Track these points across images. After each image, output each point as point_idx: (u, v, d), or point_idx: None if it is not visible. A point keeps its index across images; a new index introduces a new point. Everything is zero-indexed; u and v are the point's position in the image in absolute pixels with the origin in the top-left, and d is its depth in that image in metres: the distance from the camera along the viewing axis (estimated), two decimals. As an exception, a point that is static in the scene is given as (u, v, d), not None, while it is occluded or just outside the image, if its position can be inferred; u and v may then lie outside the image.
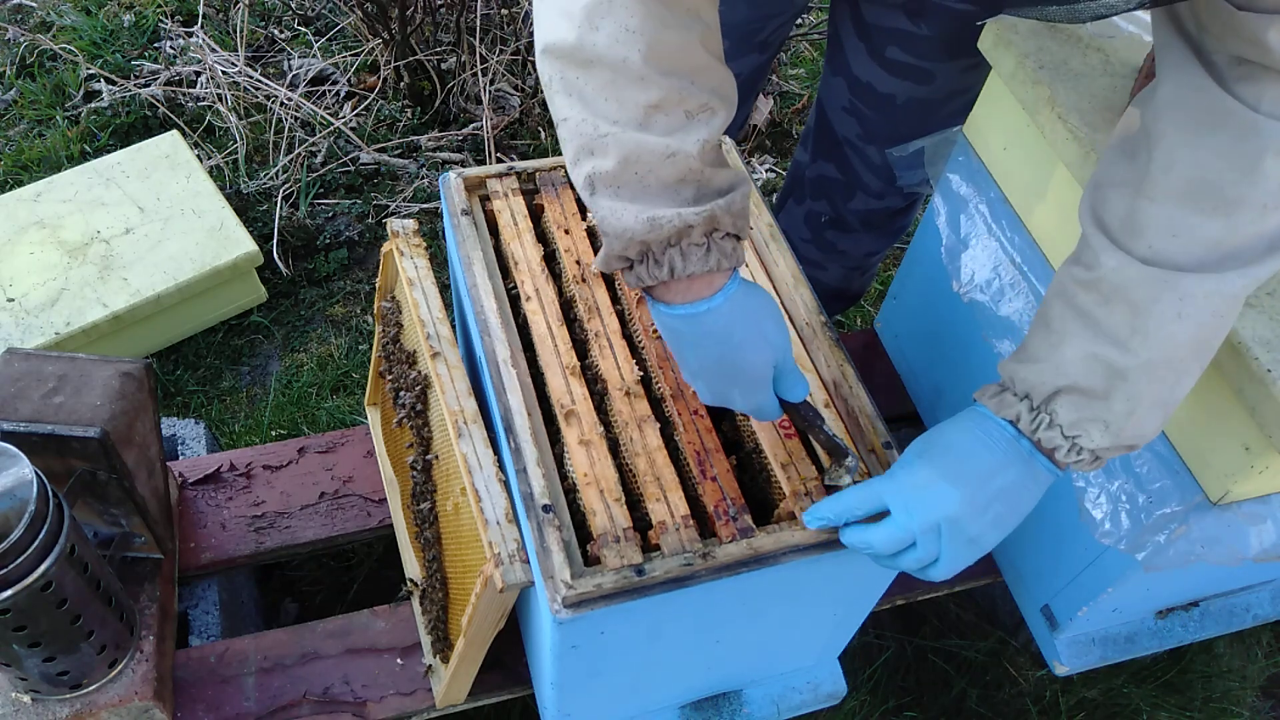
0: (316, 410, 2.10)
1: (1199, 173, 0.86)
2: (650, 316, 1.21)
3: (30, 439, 1.20)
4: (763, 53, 1.61)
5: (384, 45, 2.59)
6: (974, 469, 0.99)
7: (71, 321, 1.96)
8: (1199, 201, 0.86)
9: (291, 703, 1.39)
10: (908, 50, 1.46)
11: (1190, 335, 0.90)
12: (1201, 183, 0.86)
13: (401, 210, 2.45)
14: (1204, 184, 0.86)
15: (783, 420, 1.13)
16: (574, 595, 0.99)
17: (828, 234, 1.83)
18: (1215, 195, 0.86)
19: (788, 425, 1.13)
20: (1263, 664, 1.94)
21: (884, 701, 1.80)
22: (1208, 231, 0.87)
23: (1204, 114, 0.86)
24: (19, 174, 2.47)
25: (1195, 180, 0.87)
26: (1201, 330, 0.90)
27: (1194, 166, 0.87)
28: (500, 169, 1.34)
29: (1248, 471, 1.12)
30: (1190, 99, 0.87)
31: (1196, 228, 0.87)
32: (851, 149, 1.67)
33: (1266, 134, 0.83)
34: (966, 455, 0.99)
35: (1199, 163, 0.86)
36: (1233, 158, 0.85)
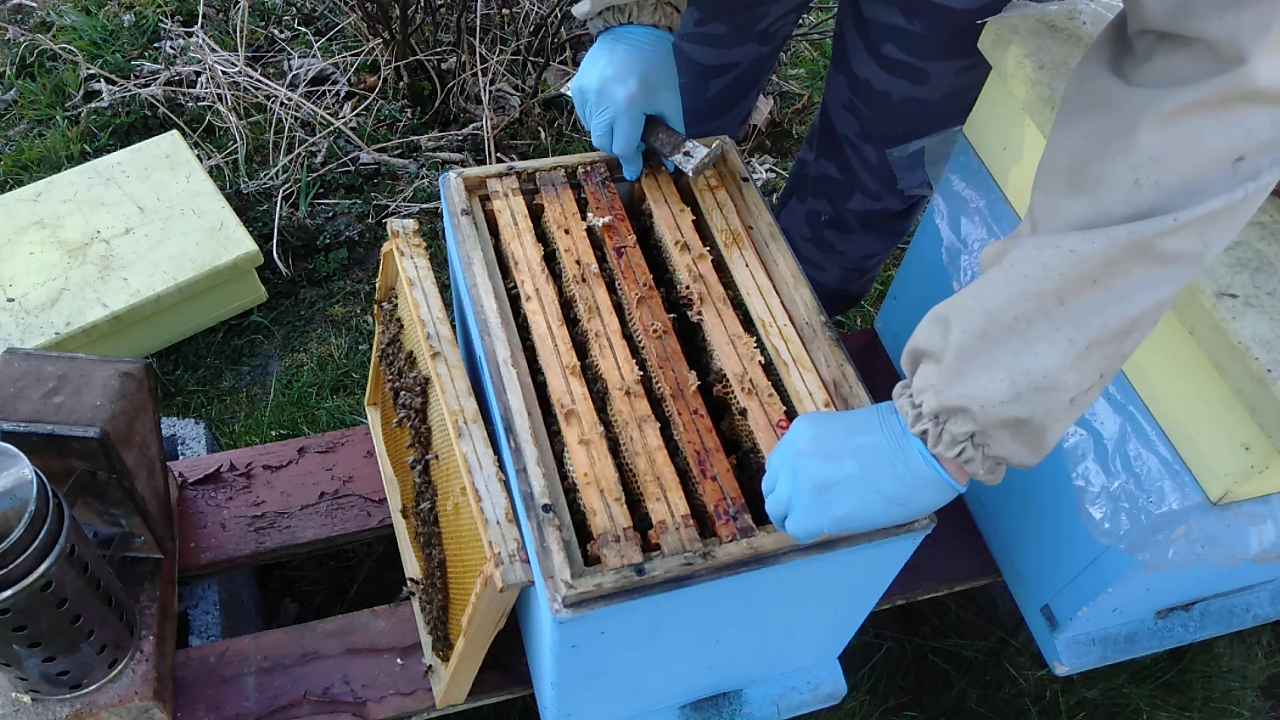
0: (316, 410, 2.10)
1: (1072, 155, 0.85)
2: (650, 316, 1.21)
3: (30, 439, 1.20)
4: (764, 44, 1.61)
5: (384, 45, 2.59)
6: (840, 420, 1.00)
7: (71, 321, 1.96)
8: (1072, 184, 0.84)
9: (291, 703, 1.39)
10: (903, 48, 1.46)
11: (1017, 288, 0.84)
12: (1074, 165, 0.84)
13: (401, 210, 2.45)
14: (1076, 166, 0.84)
15: (780, 421, 1.14)
16: (574, 595, 0.99)
17: (827, 234, 1.83)
18: (1083, 174, 0.83)
19: (784, 425, 1.14)
20: (1263, 664, 1.94)
21: (884, 701, 1.80)
22: (1076, 210, 0.84)
23: (1083, 96, 0.85)
24: (19, 174, 2.47)
25: (1070, 164, 0.85)
26: (1030, 283, 0.84)
27: (1069, 150, 0.85)
28: (500, 169, 1.34)
29: (1248, 471, 1.12)
30: (1075, 85, 0.87)
31: (1066, 209, 0.85)
32: (850, 147, 1.67)
33: (1135, 103, 0.80)
34: (842, 413, 1.02)
35: (1073, 146, 0.85)
36: (1098, 134, 0.82)
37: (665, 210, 1.34)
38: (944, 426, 0.90)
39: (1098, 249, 0.81)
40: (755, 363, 1.19)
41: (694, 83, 1.64)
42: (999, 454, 0.89)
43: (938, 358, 0.90)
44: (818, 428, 0.99)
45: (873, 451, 0.95)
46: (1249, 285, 1.09)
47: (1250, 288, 1.08)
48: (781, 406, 1.16)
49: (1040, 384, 0.85)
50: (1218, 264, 1.10)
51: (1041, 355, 0.85)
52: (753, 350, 1.20)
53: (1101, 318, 0.83)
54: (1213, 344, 1.08)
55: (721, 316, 1.23)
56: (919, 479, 0.94)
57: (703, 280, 1.26)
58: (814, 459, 0.97)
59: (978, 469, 0.91)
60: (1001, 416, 0.86)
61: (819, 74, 2.94)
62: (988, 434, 0.88)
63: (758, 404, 1.16)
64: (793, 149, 2.77)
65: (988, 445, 0.89)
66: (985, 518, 1.62)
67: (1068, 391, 0.86)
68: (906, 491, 0.94)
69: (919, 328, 0.93)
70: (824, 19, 3.01)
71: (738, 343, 1.21)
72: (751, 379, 1.18)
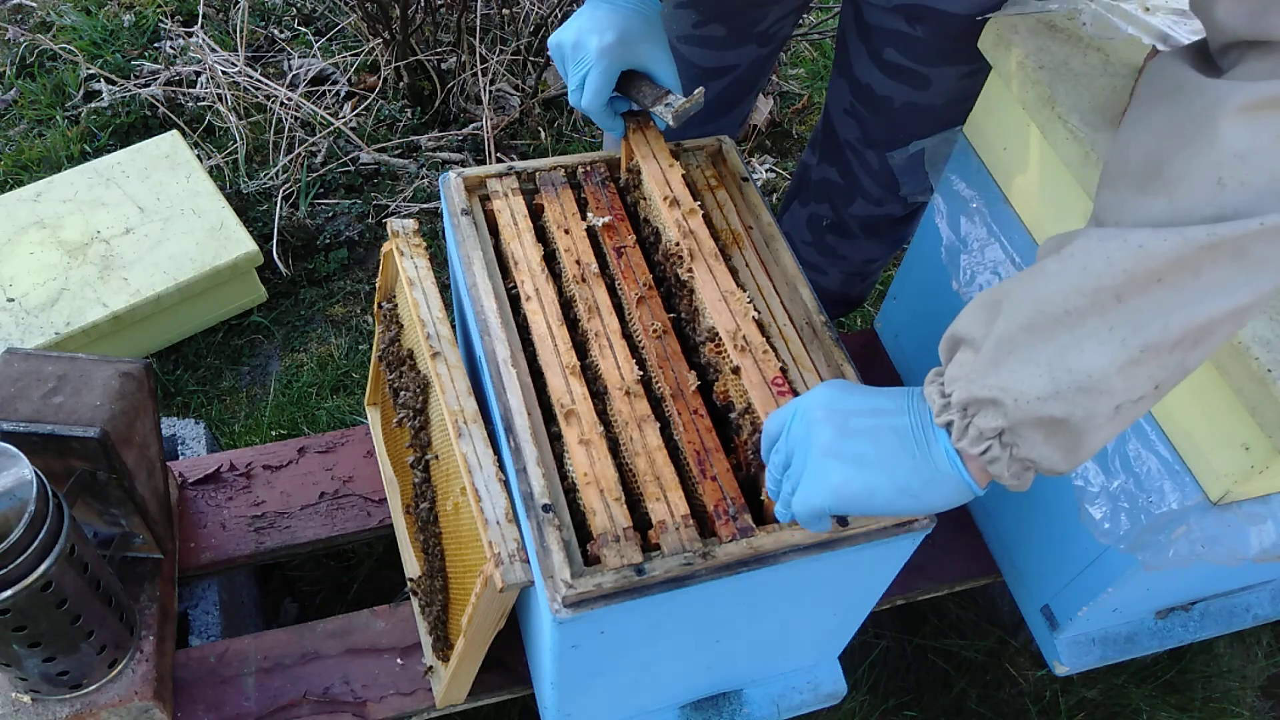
0: (316, 410, 2.10)
1: (1145, 153, 0.79)
2: (650, 316, 1.21)
3: (30, 439, 1.20)
4: (763, 45, 1.61)
5: (384, 45, 2.59)
6: (865, 395, 0.93)
7: (71, 321, 1.96)
8: (1145, 184, 0.79)
9: (291, 703, 1.39)
10: (904, 53, 1.46)
11: (1073, 280, 0.78)
12: (1148, 163, 0.79)
13: (401, 210, 2.45)
14: (1150, 164, 0.78)
15: (775, 378, 1.11)
16: (574, 595, 0.99)
17: (828, 238, 1.83)
18: (1158, 173, 0.78)
19: (780, 383, 1.11)
20: (1263, 664, 1.94)
21: (884, 701, 1.80)
22: (1150, 213, 0.78)
23: (1157, 86, 0.81)
24: (19, 174, 2.47)
25: (1144, 161, 0.79)
26: (1087, 276, 0.77)
27: (1142, 146, 0.80)
28: (500, 169, 1.34)
29: (1248, 471, 1.12)
30: (1148, 78, 0.83)
31: (1138, 210, 0.79)
32: (852, 152, 1.67)
33: (1216, 92, 0.75)
34: (869, 388, 0.95)
35: (1146, 142, 0.80)
36: (1175, 127, 0.77)
37: (654, 166, 1.30)
38: (972, 420, 0.83)
39: (1169, 247, 0.74)
40: (749, 319, 1.16)
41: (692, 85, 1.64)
42: (1028, 456, 0.83)
43: (976, 345, 0.83)
44: (839, 398, 0.92)
45: (893, 434, 0.88)
46: (1249, 285, 1.09)
47: (1250, 288, 1.08)
48: (777, 363, 1.12)
49: (1084, 384, 0.78)
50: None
51: (1089, 354, 0.78)
52: (745, 306, 1.17)
53: (1163, 321, 0.76)
54: (1213, 344, 1.08)
55: (713, 273, 1.20)
56: (936, 473, 0.87)
57: (693, 236, 1.24)
58: (828, 429, 0.90)
59: (1003, 471, 0.84)
60: (1035, 414, 0.80)
61: (819, 74, 2.94)
62: (1018, 432, 0.81)
63: (751, 361, 1.13)
64: (793, 149, 2.77)
65: (1017, 445, 0.82)
66: (985, 518, 1.62)
67: (1114, 397, 0.78)
68: (920, 484, 0.88)
69: (963, 312, 0.86)
70: (824, 19, 3.01)
71: (730, 299, 1.18)
72: (745, 335, 1.14)
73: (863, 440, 0.89)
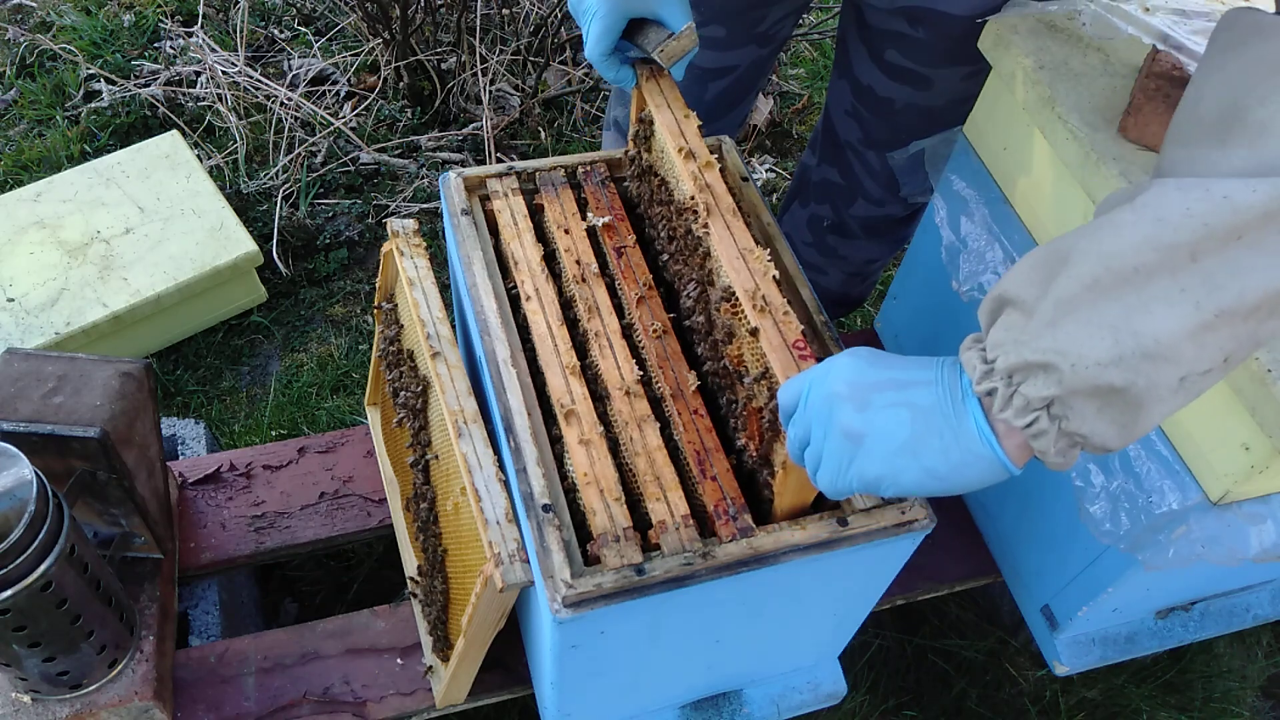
0: (316, 410, 2.10)
1: (1221, 102, 0.73)
2: (650, 316, 1.21)
3: (30, 439, 1.20)
4: (763, 46, 1.60)
5: (384, 45, 2.59)
6: (890, 366, 0.85)
7: (71, 321, 1.96)
8: (1222, 135, 0.72)
9: (291, 703, 1.39)
10: (906, 55, 1.46)
11: (1145, 232, 0.71)
12: (1224, 112, 0.72)
13: (401, 210, 2.45)
14: (1227, 113, 0.72)
15: (796, 341, 1.04)
16: (574, 595, 0.99)
17: (829, 239, 1.83)
18: (1237, 122, 0.72)
19: (802, 346, 1.04)
20: (1263, 664, 1.94)
21: (884, 701, 1.80)
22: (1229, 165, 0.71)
23: (1233, 33, 0.75)
24: (19, 174, 2.47)
25: (1219, 111, 0.73)
26: (1162, 228, 0.71)
27: (1216, 96, 0.74)
28: (500, 169, 1.34)
29: (1248, 471, 1.12)
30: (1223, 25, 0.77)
31: (1214, 164, 0.72)
32: (853, 153, 1.67)
33: None
34: (895, 357, 0.87)
35: (1221, 91, 0.74)
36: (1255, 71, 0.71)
37: (667, 115, 1.22)
38: (1018, 388, 0.76)
39: (1259, 199, 0.68)
40: (769, 278, 1.09)
41: (693, 86, 1.64)
42: (1078, 430, 0.75)
43: (1028, 307, 0.76)
44: (861, 370, 0.85)
45: (919, 413, 0.82)
46: (1249, 285, 1.09)
47: (1250, 288, 1.08)
48: (799, 325, 1.06)
49: (1150, 350, 0.70)
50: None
51: (1157, 317, 0.70)
52: (766, 264, 1.11)
53: (1241, 283, 0.69)
54: (1213, 344, 1.08)
55: (731, 229, 1.14)
56: (967, 454, 0.80)
57: (709, 190, 1.16)
58: (849, 407, 0.84)
59: (1048, 446, 0.77)
60: (1094, 381, 0.72)
61: (819, 74, 2.94)
62: (1069, 403, 0.74)
63: (771, 322, 1.05)
64: (793, 149, 2.77)
65: (1067, 418, 0.75)
66: (985, 518, 1.62)
67: (1181, 366, 0.71)
68: (949, 468, 0.81)
69: (1011, 272, 0.79)
70: (824, 19, 3.01)
71: (748, 256, 1.11)
72: (764, 295, 1.07)
73: (886, 419, 0.83)
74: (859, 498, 1.09)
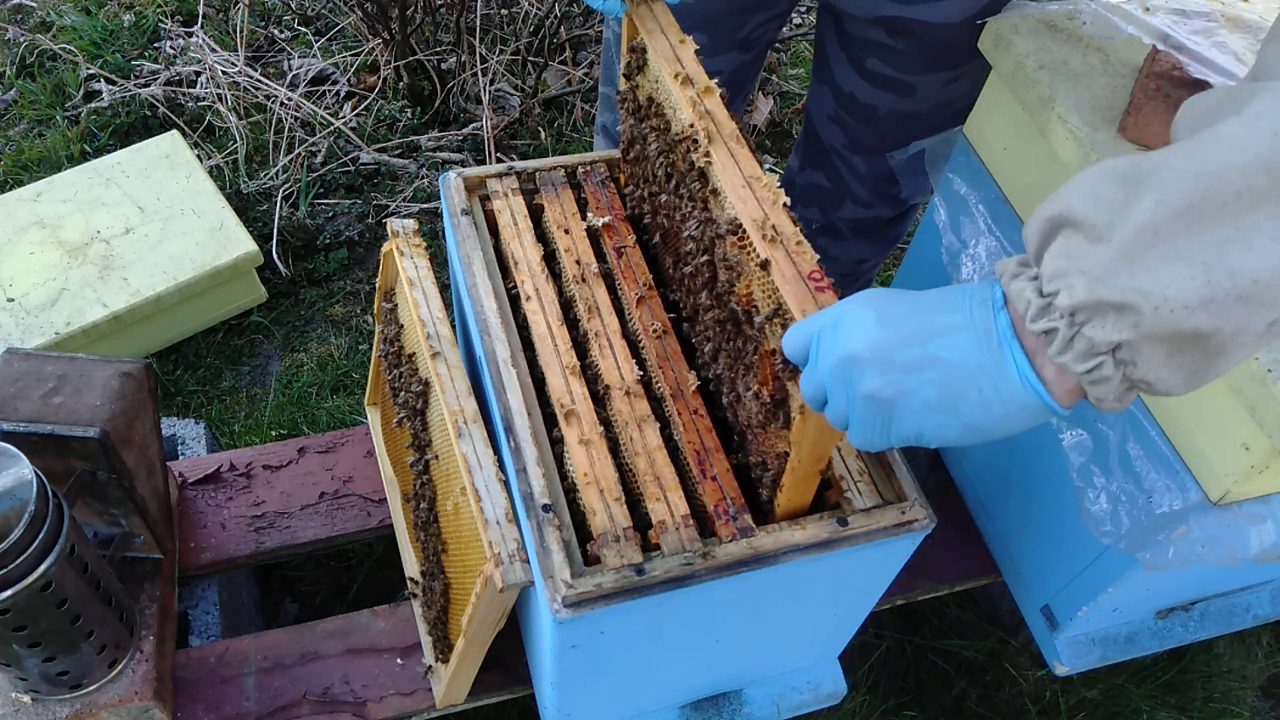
0: (316, 410, 2.10)
1: None
2: (650, 316, 1.21)
3: (30, 439, 1.20)
4: (745, 52, 1.60)
5: (384, 45, 2.59)
6: (911, 313, 0.75)
7: (71, 321, 1.96)
8: None
9: (291, 703, 1.39)
10: (887, 63, 1.46)
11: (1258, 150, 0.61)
12: None
13: (401, 210, 2.45)
14: None
15: (812, 273, 0.95)
16: (574, 595, 0.99)
17: (819, 241, 1.83)
18: None
19: (819, 277, 0.95)
20: (1263, 664, 1.94)
21: (884, 701, 1.80)
22: None
23: None
24: (19, 174, 2.47)
25: None
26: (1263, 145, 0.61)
27: None
28: (500, 169, 1.34)
29: (1248, 471, 1.12)
30: None
31: None
32: (838, 158, 1.67)
33: None
34: (914, 297, 0.77)
35: None
36: None
37: (661, 41, 1.14)
38: (1081, 329, 0.66)
39: None
40: (778, 206, 1.00)
41: None
42: (1144, 378, 0.67)
43: (1098, 232, 0.65)
44: (879, 324, 0.75)
45: (952, 368, 0.73)
46: (1249, 285, 1.09)
47: (1250, 288, 1.08)
48: (814, 255, 0.96)
49: (1246, 292, 0.61)
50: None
51: (1258, 253, 0.61)
52: (775, 192, 1.01)
53: None
54: (1213, 344, 1.08)
55: (735, 156, 1.05)
56: (1010, 405, 0.72)
57: (710, 117, 1.08)
58: (871, 370, 0.75)
59: (1106, 393, 0.68)
60: (1176, 327, 0.63)
61: (819, 74, 2.94)
62: (1139, 349, 0.65)
63: (783, 253, 0.96)
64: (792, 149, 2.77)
65: (1134, 364, 0.66)
66: (985, 518, 1.62)
67: (1273, 310, 0.62)
68: (991, 421, 0.73)
69: (1074, 187, 0.68)
70: (824, 19, 3.01)
71: (755, 184, 1.02)
72: (774, 225, 0.98)
73: (914, 378, 0.74)
74: (859, 497, 1.09)
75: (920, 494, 1.09)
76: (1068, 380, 0.70)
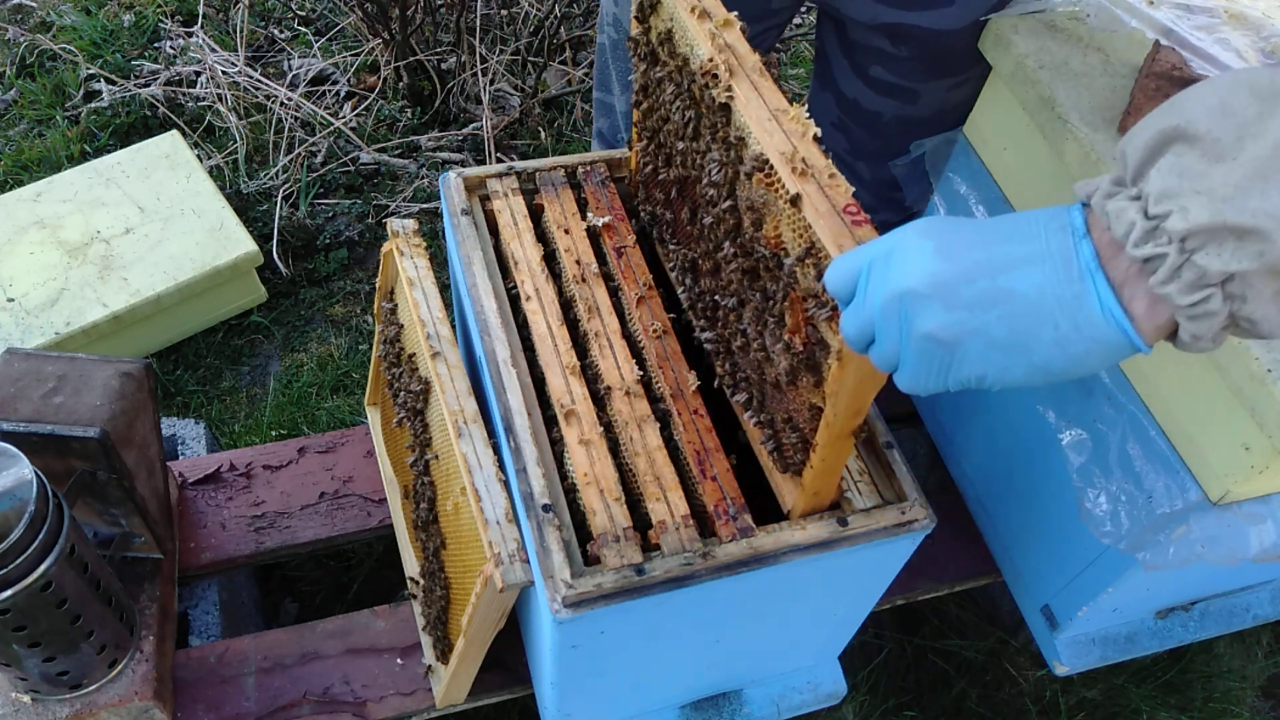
0: (316, 410, 2.10)
1: None
2: (650, 316, 1.21)
3: (30, 439, 1.20)
4: None
5: (384, 45, 2.59)
6: (978, 242, 0.68)
7: (71, 321, 1.96)
8: None
9: (291, 703, 1.39)
10: (891, 70, 1.46)
11: None
12: None
13: (401, 210, 2.45)
14: None
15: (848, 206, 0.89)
16: (574, 595, 0.99)
17: None
18: None
19: (855, 211, 0.88)
20: (1263, 664, 1.94)
21: (884, 701, 1.80)
22: None
23: None
24: (19, 174, 2.47)
25: None
26: None
27: None
28: (500, 169, 1.34)
29: (1248, 471, 1.12)
30: None
31: None
32: (841, 164, 1.67)
33: None
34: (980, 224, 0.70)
35: None
36: None
37: None
38: (1191, 256, 0.59)
39: None
40: (808, 139, 0.94)
41: None
42: (1250, 315, 0.61)
43: (1228, 149, 0.59)
44: (941, 256, 0.68)
45: (1026, 303, 0.66)
46: (1249, 285, 1.09)
47: (1250, 288, 1.08)
48: (849, 189, 0.90)
49: None
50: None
51: None
52: (805, 124, 0.95)
53: None
54: (1213, 344, 1.08)
55: (759, 89, 0.99)
56: (1090, 344, 0.65)
57: (730, 50, 1.02)
58: (933, 306, 0.68)
59: (1206, 330, 0.62)
60: None
61: (819, 74, 2.94)
62: (1253, 282, 0.59)
63: (815, 187, 0.90)
64: (793, 149, 2.77)
65: (1244, 299, 0.60)
66: (985, 518, 1.62)
67: None
68: (1067, 361, 0.66)
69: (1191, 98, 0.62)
70: (824, 19, 3.01)
71: (781, 117, 0.96)
72: (804, 157, 0.92)
73: (981, 315, 0.67)
74: (859, 496, 1.09)
75: (920, 494, 1.09)
76: (1160, 314, 0.63)
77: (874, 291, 0.72)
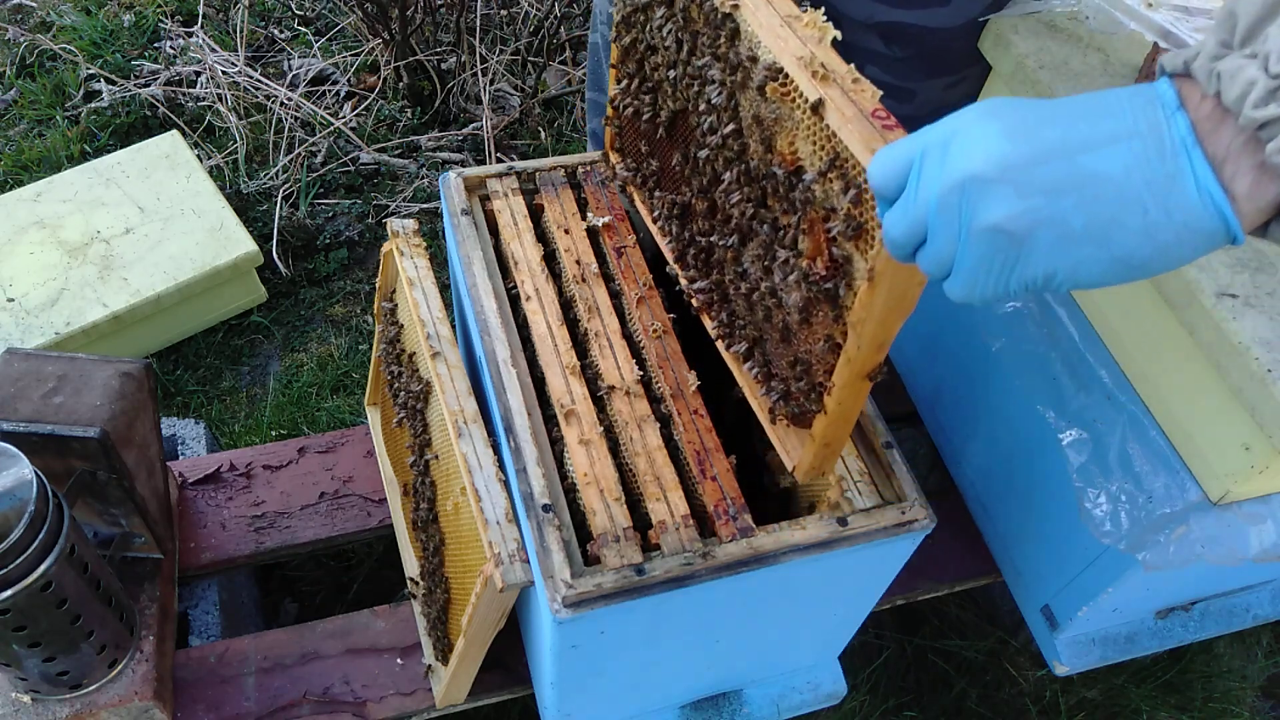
0: (316, 410, 2.10)
1: None
2: (650, 316, 1.21)
3: (30, 439, 1.20)
4: None
5: (384, 45, 2.59)
6: (1054, 120, 0.61)
7: (71, 321, 1.96)
8: None
9: (291, 703, 1.39)
10: (886, 71, 1.46)
11: None
12: None
13: (401, 210, 2.45)
14: None
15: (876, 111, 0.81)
16: (574, 595, 0.99)
17: None
18: None
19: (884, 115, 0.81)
20: (1263, 664, 1.94)
21: (884, 701, 1.80)
22: None
23: None
24: (19, 174, 2.47)
25: None
26: None
27: None
28: (500, 169, 1.34)
29: (1248, 471, 1.12)
30: None
31: None
32: None
33: None
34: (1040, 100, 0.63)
35: None
36: None
37: None
38: None
39: None
40: (826, 43, 0.87)
41: None
42: None
43: None
44: (1008, 135, 0.60)
45: (1110, 185, 0.58)
46: (1249, 285, 1.09)
47: (1250, 288, 1.08)
48: (877, 93, 0.83)
49: None
50: (1217, 264, 1.10)
51: None
52: (822, 28, 0.88)
53: None
54: (1213, 344, 1.08)
55: None
56: (1183, 230, 0.58)
57: None
58: (1003, 192, 0.60)
59: None
60: None
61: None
62: None
63: (839, 91, 0.82)
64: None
65: None
66: (985, 518, 1.62)
67: None
68: (1154, 250, 0.59)
69: None
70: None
71: (794, 23, 0.89)
72: (824, 62, 0.85)
73: (1059, 202, 0.59)
74: (859, 496, 1.09)
75: (920, 494, 1.09)
76: (1266, 192, 0.56)
77: (929, 181, 0.63)
